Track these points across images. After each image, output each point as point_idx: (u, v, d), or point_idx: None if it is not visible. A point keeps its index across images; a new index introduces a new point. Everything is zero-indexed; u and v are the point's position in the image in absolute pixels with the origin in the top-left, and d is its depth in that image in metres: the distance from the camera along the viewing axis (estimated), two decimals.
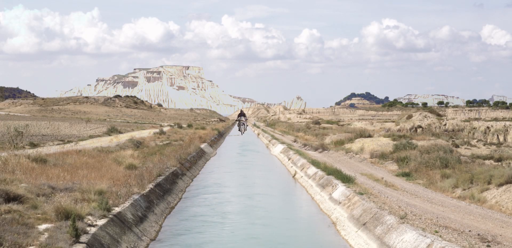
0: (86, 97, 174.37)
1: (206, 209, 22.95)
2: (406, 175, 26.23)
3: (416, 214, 17.02)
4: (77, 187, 18.60)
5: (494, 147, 41.99)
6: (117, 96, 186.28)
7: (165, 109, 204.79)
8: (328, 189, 24.38)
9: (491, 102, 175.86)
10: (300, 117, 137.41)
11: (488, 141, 51.87)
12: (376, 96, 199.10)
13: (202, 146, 50.89)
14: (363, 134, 51.27)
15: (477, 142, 47.23)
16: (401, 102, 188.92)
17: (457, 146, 38.88)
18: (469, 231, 14.90)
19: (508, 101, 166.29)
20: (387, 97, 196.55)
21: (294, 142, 60.11)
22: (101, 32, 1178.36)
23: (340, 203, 21.45)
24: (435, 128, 64.96)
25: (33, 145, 36.06)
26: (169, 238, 17.99)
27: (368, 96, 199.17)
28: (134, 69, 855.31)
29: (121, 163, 24.78)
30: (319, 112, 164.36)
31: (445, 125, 66.82)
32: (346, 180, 23.75)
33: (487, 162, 29.17)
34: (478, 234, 14.46)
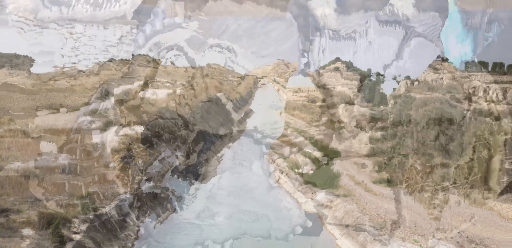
0: (82, 71, 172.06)
1: None
2: (388, 181, 25.30)
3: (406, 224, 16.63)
4: (73, 168, 18.18)
5: (493, 104, 41.64)
6: (111, 60, 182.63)
7: (178, 67, 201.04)
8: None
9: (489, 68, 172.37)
10: (296, 95, 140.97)
11: (488, 98, 51.30)
12: (359, 68, 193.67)
13: None
14: (346, 99, 53.82)
15: (478, 98, 46.77)
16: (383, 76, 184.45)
17: (458, 101, 38.12)
18: (452, 237, 14.72)
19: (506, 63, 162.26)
20: (369, 69, 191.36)
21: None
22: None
23: (323, 204, 21.40)
24: (432, 80, 64.20)
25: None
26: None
27: (351, 67, 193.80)
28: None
29: None
30: (315, 90, 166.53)
31: (442, 78, 65.90)
32: (332, 179, 23.61)
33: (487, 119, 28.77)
34: (467, 237, 14.26)
